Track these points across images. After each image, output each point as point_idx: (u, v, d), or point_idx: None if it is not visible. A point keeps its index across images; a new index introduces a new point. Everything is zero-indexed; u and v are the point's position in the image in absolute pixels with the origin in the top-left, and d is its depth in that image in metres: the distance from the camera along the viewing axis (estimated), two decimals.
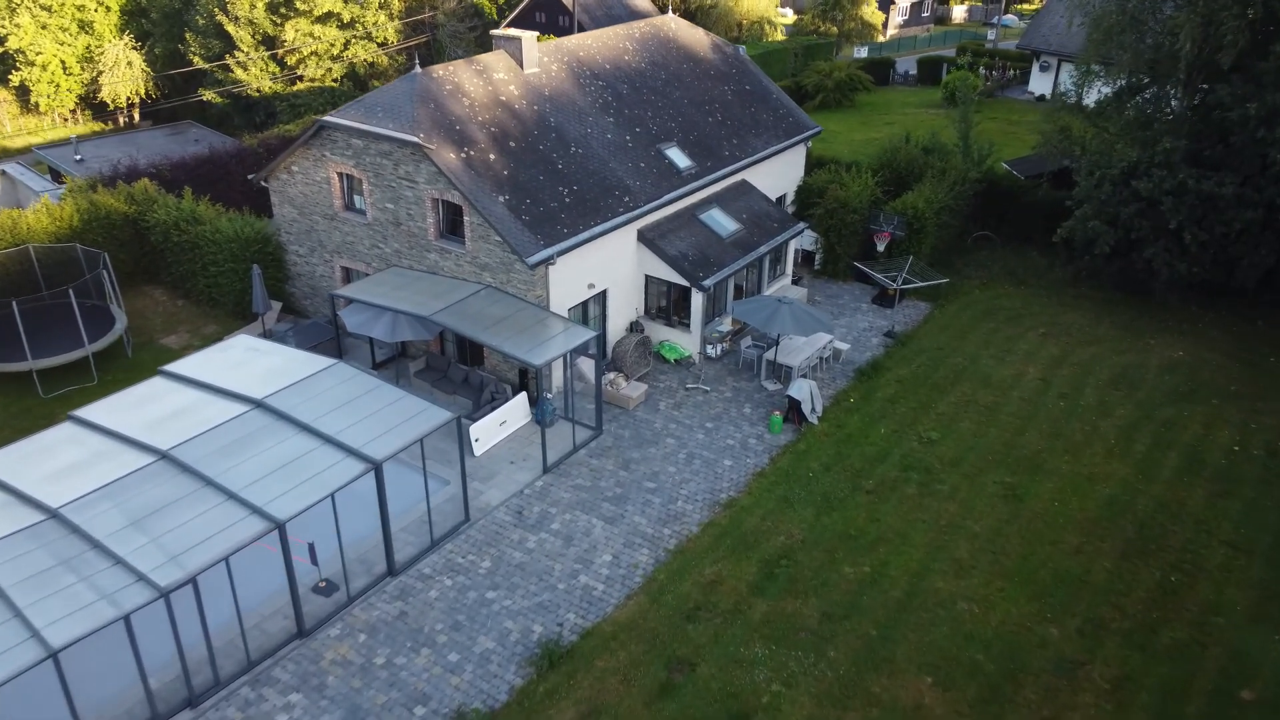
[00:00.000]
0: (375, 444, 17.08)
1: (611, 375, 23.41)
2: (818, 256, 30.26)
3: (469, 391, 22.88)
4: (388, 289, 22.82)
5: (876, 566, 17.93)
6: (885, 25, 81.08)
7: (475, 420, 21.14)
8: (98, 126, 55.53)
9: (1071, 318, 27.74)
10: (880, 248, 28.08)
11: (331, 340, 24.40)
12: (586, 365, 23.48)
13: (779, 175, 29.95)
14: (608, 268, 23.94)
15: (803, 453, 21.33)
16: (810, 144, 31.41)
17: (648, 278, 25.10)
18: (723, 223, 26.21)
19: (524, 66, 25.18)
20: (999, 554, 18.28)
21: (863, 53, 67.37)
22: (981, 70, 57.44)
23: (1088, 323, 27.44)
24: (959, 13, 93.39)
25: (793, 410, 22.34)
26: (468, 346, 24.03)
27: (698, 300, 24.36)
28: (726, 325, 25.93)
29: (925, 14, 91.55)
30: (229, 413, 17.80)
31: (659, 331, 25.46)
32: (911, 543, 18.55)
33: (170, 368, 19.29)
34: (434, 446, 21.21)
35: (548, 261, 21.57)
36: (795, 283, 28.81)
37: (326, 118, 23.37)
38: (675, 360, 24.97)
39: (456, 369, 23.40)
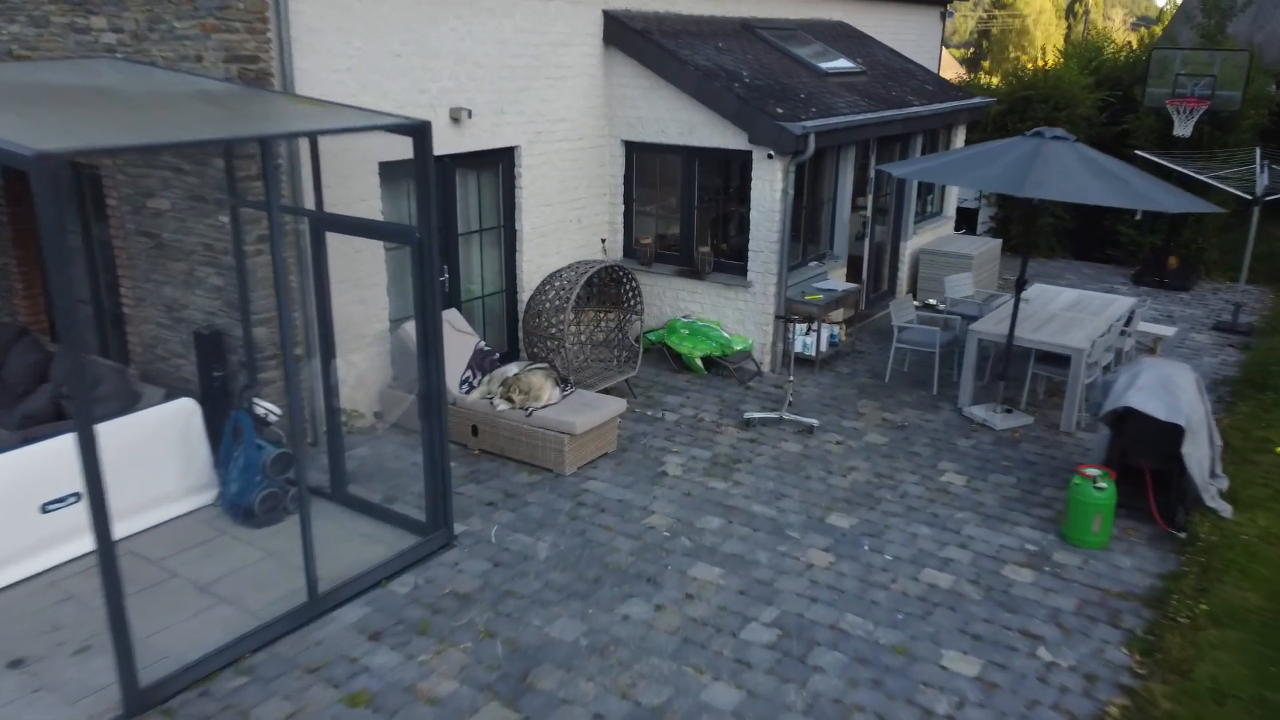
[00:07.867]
0: None
1: (512, 370, 7.42)
2: (982, 213, 14.88)
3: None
4: None
5: None
6: None
7: None
8: None
9: None
10: (1182, 129, 12.41)
11: None
12: (406, 332, 7.46)
13: (899, 43, 14.84)
14: (510, 85, 8.42)
15: (1247, 623, 5.14)
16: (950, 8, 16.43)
17: (630, 146, 9.56)
18: (816, 53, 10.95)
19: None
20: None
21: None
22: None
23: None
24: None
25: (1133, 475, 6.34)
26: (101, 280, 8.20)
27: (770, 179, 8.72)
28: (838, 280, 10.18)
29: None
30: None
31: (663, 288, 9.67)
32: None
33: None
34: None
35: None
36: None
37: None
38: (704, 359, 9.12)
39: None
